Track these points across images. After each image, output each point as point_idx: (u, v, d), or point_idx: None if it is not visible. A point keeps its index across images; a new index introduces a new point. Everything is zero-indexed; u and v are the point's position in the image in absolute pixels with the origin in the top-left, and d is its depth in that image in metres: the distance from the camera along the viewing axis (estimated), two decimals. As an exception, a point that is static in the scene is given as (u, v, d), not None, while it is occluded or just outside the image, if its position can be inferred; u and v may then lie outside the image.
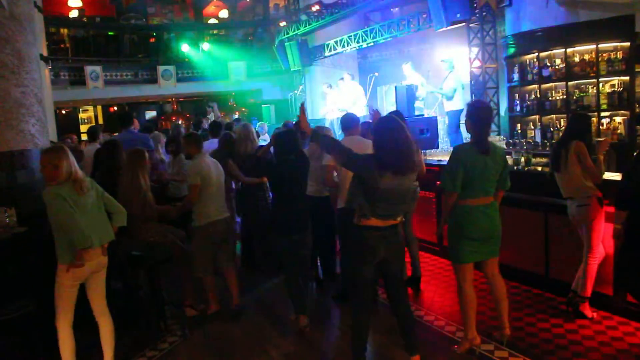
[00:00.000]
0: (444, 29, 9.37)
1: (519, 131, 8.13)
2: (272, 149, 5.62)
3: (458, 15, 9.09)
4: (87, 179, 3.99)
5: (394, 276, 3.82)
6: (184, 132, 8.35)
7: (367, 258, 3.70)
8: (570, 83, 7.49)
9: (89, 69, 14.46)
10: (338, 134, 9.80)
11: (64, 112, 18.58)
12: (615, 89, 7.06)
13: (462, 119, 9.62)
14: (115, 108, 19.76)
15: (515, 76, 8.29)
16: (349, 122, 5.13)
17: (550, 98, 7.82)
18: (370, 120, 5.08)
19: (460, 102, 9.40)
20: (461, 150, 3.99)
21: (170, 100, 19.68)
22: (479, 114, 3.95)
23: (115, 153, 5.38)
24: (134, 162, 4.94)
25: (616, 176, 4.61)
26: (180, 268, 5.28)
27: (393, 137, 3.48)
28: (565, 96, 7.55)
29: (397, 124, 3.54)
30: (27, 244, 4.30)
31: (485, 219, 3.92)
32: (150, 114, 20.04)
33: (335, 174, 5.02)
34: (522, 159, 5.59)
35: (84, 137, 13.84)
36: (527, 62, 8.12)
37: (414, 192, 3.88)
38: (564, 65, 7.51)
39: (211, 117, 9.99)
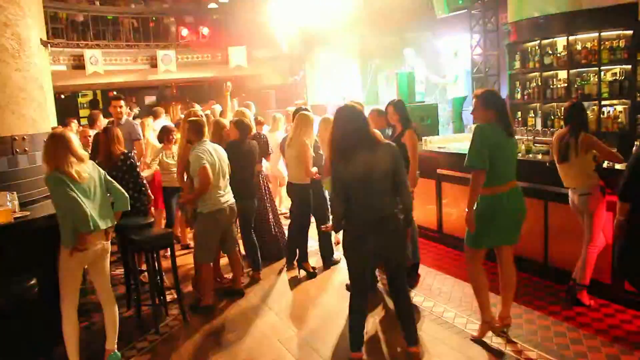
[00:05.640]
0: (446, 15, 9.32)
1: (520, 119, 8.12)
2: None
3: (460, 2, 9.05)
4: (86, 164, 3.97)
5: (392, 265, 3.84)
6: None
7: (357, 249, 3.73)
8: (571, 71, 7.47)
9: (88, 53, 14.37)
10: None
11: (63, 96, 18.53)
12: (617, 77, 7.03)
13: (465, 107, 9.67)
14: (115, 92, 19.71)
15: (517, 63, 8.26)
16: None
17: (551, 86, 7.80)
18: None
19: (463, 89, 9.37)
20: (486, 129, 3.83)
21: (170, 85, 19.62)
22: (498, 98, 3.94)
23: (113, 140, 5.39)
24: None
25: (617, 165, 4.61)
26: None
27: (339, 124, 3.68)
28: (566, 84, 7.53)
29: (346, 110, 3.72)
30: (29, 228, 4.31)
31: (515, 204, 3.89)
32: (150, 99, 20.00)
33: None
34: (523, 147, 5.58)
35: (84, 121, 13.84)
36: (529, 50, 8.09)
37: (393, 172, 3.62)
38: (566, 53, 7.48)
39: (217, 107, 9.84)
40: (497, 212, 3.86)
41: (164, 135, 6.77)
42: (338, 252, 6.19)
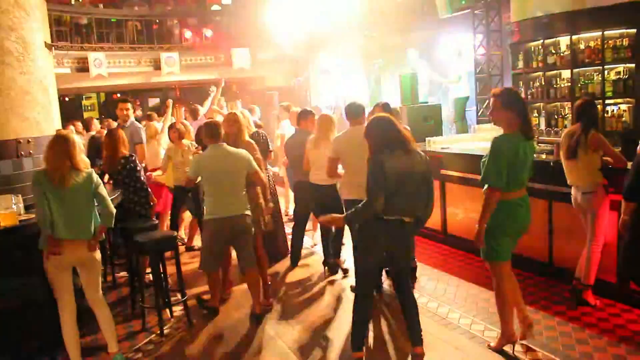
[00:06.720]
0: (449, 15, 9.30)
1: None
2: None
3: (463, 2, 9.04)
4: (80, 172, 3.92)
5: (399, 267, 3.88)
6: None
7: (370, 248, 3.74)
8: (575, 70, 7.45)
9: (92, 55, 14.41)
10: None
11: (67, 99, 18.58)
12: (621, 77, 7.01)
13: (468, 107, 9.66)
14: (119, 95, 19.75)
15: (520, 63, 8.24)
16: (354, 111, 5.09)
17: (555, 85, 7.78)
18: None
19: (466, 89, 9.35)
20: (504, 141, 3.65)
21: (173, 87, 19.66)
22: (519, 98, 3.81)
23: (117, 142, 5.41)
24: None
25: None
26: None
27: (377, 123, 3.74)
28: (570, 83, 7.50)
29: (382, 117, 3.83)
30: (34, 230, 4.32)
31: (525, 211, 3.79)
32: (154, 102, 20.04)
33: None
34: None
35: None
36: (532, 49, 8.07)
37: (425, 178, 3.71)
38: (569, 52, 7.46)
39: (207, 103, 9.87)
40: (509, 218, 3.75)
41: (172, 132, 6.75)
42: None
